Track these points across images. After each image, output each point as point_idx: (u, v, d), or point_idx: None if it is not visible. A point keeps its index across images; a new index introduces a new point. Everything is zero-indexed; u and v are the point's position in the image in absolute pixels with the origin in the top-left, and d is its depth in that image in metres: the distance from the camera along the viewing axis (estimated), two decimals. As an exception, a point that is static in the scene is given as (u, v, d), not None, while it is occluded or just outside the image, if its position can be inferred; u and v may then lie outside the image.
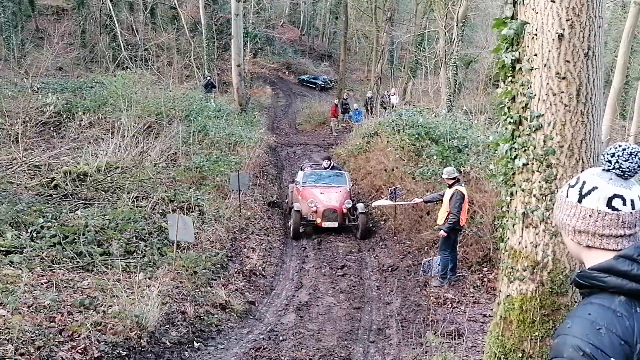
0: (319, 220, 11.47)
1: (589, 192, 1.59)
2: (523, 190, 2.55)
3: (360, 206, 11.74)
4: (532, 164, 2.53)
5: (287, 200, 13.11)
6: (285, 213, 13.04)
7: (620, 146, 1.59)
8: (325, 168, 13.34)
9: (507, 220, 2.66)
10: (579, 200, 1.59)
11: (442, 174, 8.65)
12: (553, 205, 2.45)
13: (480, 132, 13.03)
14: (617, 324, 1.43)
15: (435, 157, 12.12)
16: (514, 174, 2.63)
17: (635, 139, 15.09)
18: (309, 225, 11.72)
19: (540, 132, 2.53)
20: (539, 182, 2.52)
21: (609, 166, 1.58)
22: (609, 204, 1.55)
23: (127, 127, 13.73)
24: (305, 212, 11.64)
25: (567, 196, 1.64)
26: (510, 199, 2.63)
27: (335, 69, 39.22)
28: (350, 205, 11.85)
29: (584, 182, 1.61)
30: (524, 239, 2.51)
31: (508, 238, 2.62)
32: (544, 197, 2.49)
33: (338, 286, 9.18)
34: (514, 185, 2.61)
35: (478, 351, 5.56)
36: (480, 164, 11.00)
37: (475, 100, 24.45)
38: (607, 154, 1.59)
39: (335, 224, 11.56)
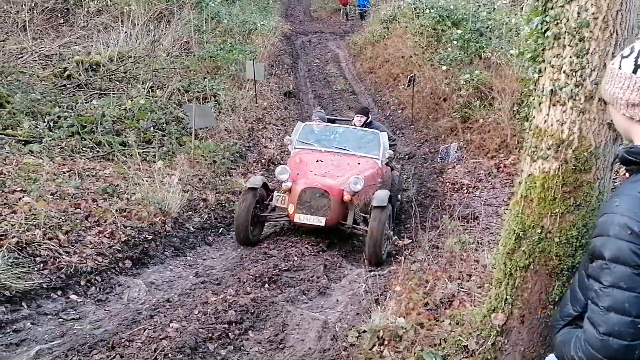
0: (291, 210, 6.15)
1: None
2: (552, 66, 2.43)
3: (379, 195, 6.07)
4: (564, 38, 2.38)
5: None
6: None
7: None
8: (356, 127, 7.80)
9: (534, 99, 2.57)
10: (634, 71, 1.47)
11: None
12: (583, 81, 2.34)
13: (504, 14, 12.38)
14: None
15: (455, 41, 11.65)
16: (543, 49, 2.49)
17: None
18: (276, 220, 6.66)
19: (574, 3, 2.36)
20: (570, 57, 2.38)
21: None
22: None
23: (137, 15, 13.29)
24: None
25: (619, 68, 1.51)
26: (539, 76, 2.52)
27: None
28: (360, 188, 6.10)
29: (639, 52, 1.48)
30: (550, 117, 2.43)
31: (534, 117, 2.55)
32: (574, 73, 2.37)
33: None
34: (543, 61, 2.49)
35: (491, 233, 5.67)
36: (502, 48, 10.57)
37: (500, -20, 23.04)
38: None
39: (322, 221, 6.04)
